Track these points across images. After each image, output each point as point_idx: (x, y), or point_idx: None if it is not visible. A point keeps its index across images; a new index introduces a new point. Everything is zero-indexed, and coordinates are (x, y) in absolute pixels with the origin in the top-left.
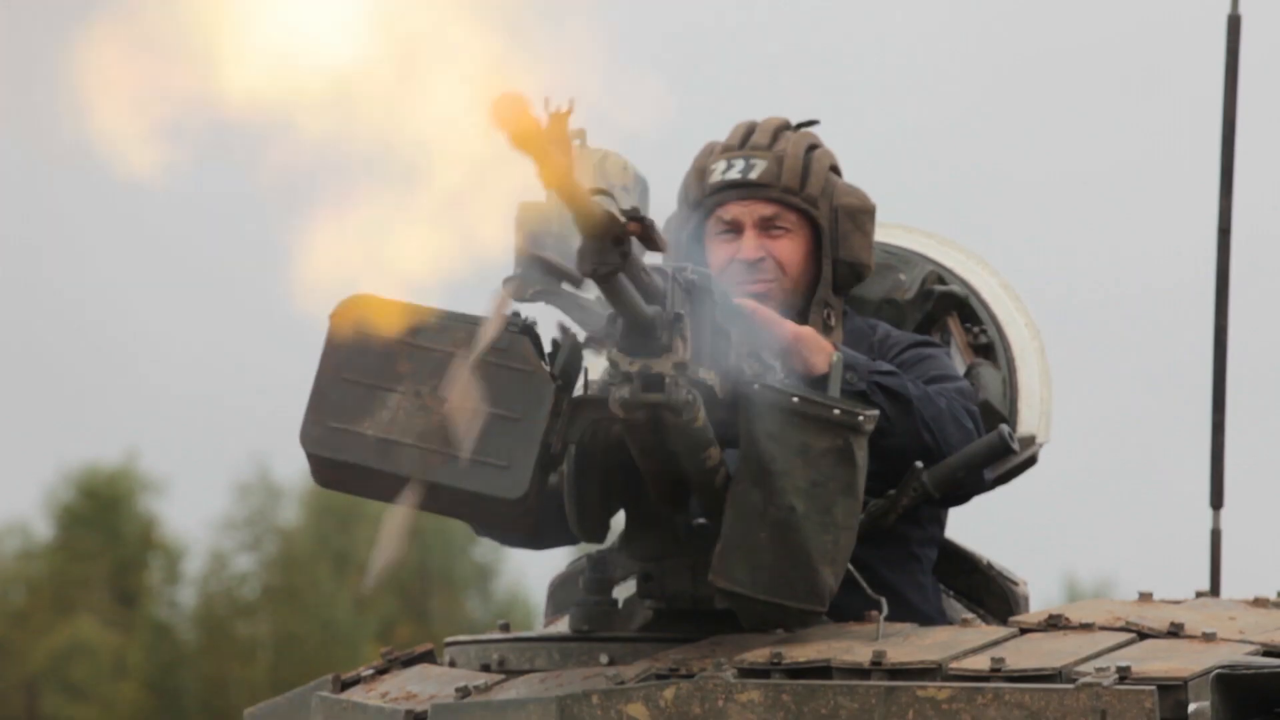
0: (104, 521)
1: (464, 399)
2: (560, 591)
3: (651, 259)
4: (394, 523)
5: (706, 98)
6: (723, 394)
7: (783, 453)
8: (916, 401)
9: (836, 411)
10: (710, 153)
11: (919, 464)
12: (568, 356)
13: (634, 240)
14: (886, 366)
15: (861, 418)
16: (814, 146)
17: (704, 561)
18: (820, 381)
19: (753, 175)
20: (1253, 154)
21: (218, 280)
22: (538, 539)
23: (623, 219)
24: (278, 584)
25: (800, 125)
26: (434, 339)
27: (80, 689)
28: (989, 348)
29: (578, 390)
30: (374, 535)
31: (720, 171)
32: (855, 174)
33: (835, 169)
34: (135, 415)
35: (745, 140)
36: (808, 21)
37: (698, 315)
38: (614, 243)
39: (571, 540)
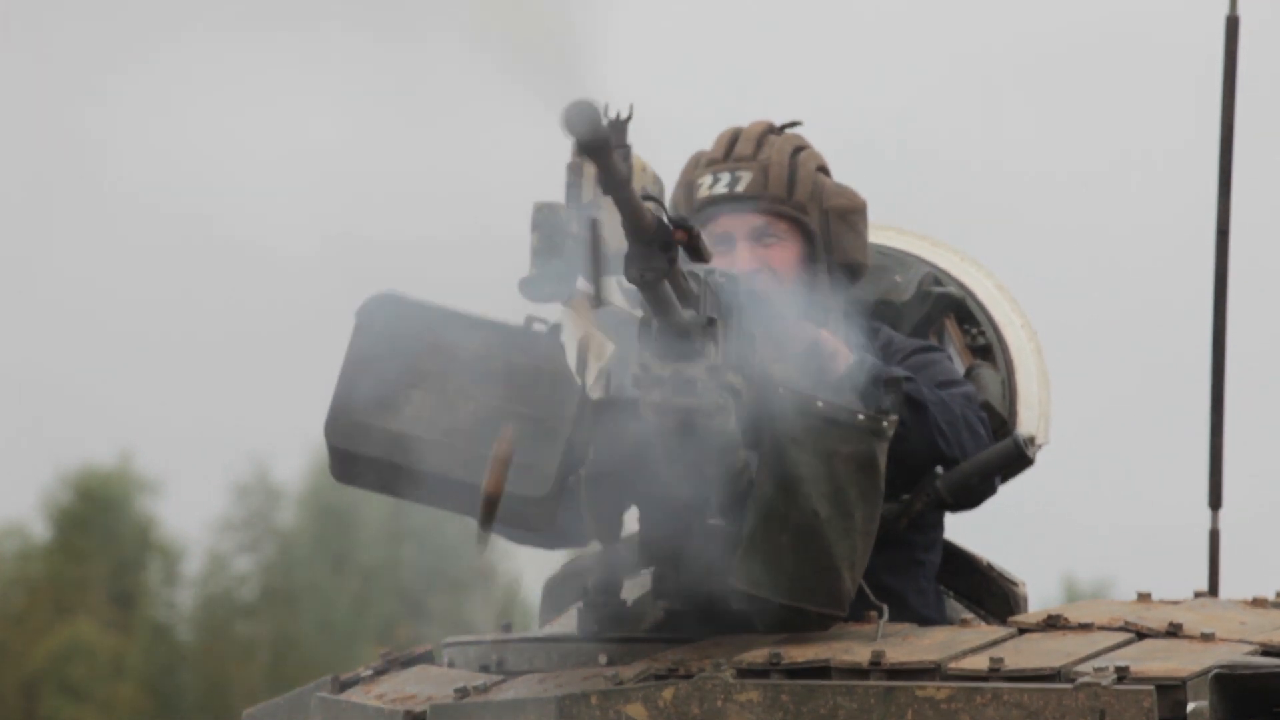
0: (102, 523)
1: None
2: (556, 592)
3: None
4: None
5: (698, 93)
6: (748, 397)
7: (807, 457)
8: (932, 407)
9: (861, 417)
10: (695, 165)
11: (939, 470)
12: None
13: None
14: (901, 372)
15: (885, 423)
16: (799, 149)
17: (721, 563)
18: (838, 385)
19: (739, 188)
20: (1251, 155)
21: (215, 278)
22: (552, 539)
23: (671, 227)
24: (277, 585)
25: (784, 126)
26: (460, 337)
27: (79, 690)
28: (987, 349)
29: (599, 392)
30: (372, 537)
31: (707, 186)
32: (846, 175)
33: (823, 169)
34: (132, 417)
35: (729, 151)
36: (797, 13)
37: (725, 318)
38: (661, 249)
39: (581, 541)
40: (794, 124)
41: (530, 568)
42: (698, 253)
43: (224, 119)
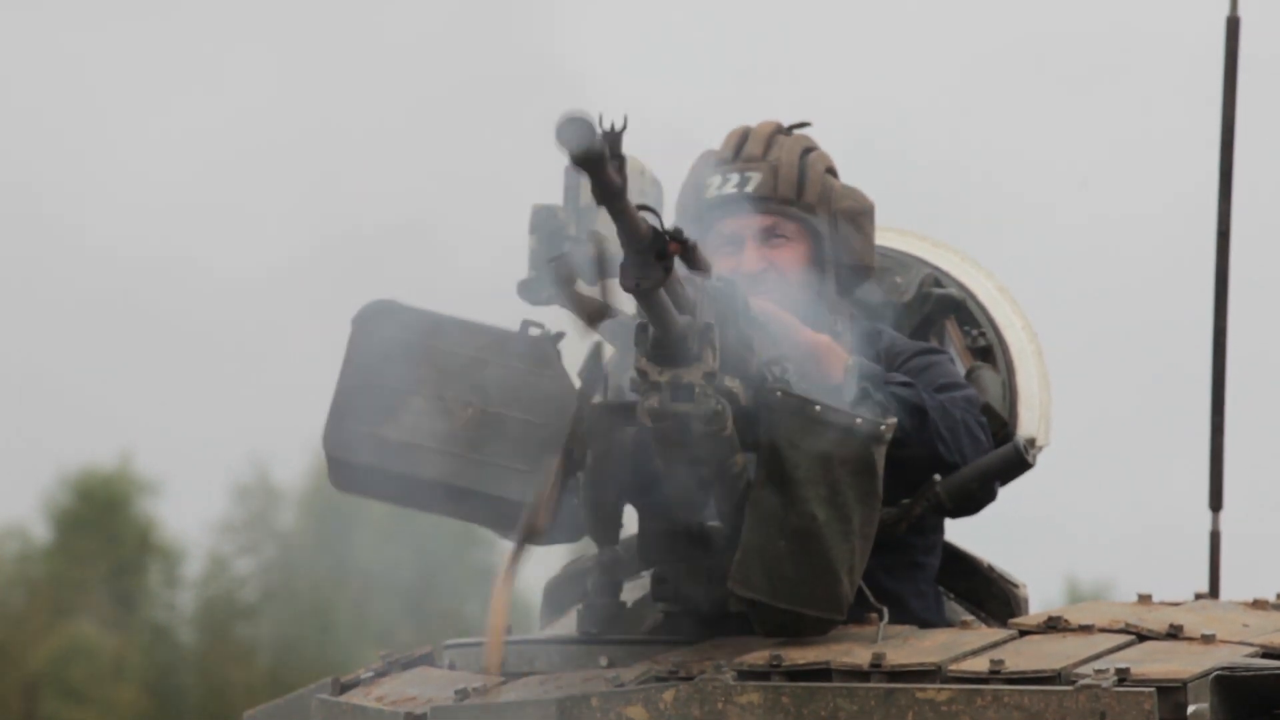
0: (102, 525)
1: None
2: (556, 594)
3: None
4: None
5: (698, 92)
6: (745, 401)
7: (804, 461)
8: (932, 412)
9: (859, 420)
10: (704, 165)
11: (937, 476)
12: (589, 362)
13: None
14: (901, 377)
15: (883, 427)
16: (808, 150)
17: (719, 565)
18: (835, 389)
19: (749, 189)
20: (1252, 156)
21: (215, 279)
22: (546, 537)
23: (666, 238)
24: (277, 587)
25: (793, 127)
26: (457, 343)
27: (79, 691)
28: (987, 350)
29: (597, 396)
30: (374, 539)
31: (716, 186)
32: (848, 176)
33: (831, 171)
34: (132, 418)
35: (739, 151)
36: (799, 13)
37: (722, 323)
38: (657, 258)
39: (573, 538)
40: (803, 124)
41: (530, 569)
42: (694, 264)
43: (222, 123)
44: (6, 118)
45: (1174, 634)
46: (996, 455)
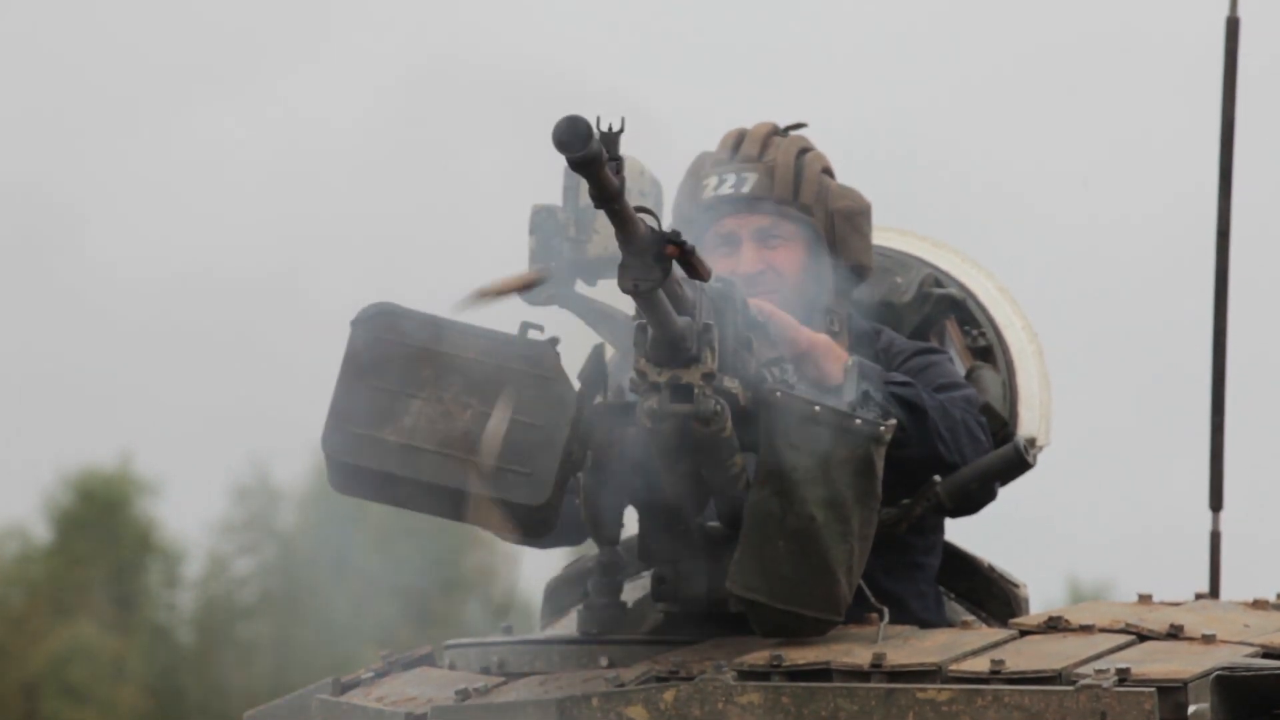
0: (102, 525)
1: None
2: (557, 594)
3: None
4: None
5: (702, 95)
6: (745, 401)
7: (803, 462)
8: (932, 412)
9: (858, 421)
10: (700, 166)
11: (937, 476)
12: (591, 364)
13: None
14: (900, 376)
15: (882, 428)
16: (805, 151)
17: (719, 566)
18: (834, 390)
19: (745, 189)
20: (1252, 156)
21: (214, 278)
22: (545, 539)
23: (665, 239)
24: (277, 587)
25: (789, 128)
26: (456, 346)
27: (80, 692)
28: (988, 350)
29: (598, 397)
30: (374, 539)
31: (712, 188)
32: (848, 176)
33: (828, 171)
34: (133, 418)
35: (734, 152)
36: (799, 15)
37: (721, 324)
38: (655, 259)
39: (574, 540)
40: (799, 125)
41: (531, 569)
42: (692, 269)
43: (221, 126)
44: (8, 118)
45: (1174, 634)
46: (996, 455)
